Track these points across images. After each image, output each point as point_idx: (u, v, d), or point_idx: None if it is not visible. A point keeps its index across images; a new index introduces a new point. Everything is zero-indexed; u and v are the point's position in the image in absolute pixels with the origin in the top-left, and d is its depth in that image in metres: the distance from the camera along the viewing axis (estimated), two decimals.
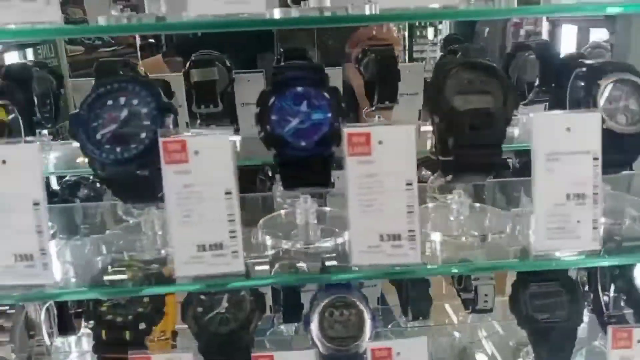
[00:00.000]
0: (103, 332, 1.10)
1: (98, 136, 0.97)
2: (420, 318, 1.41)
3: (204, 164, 0.92)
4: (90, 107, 0.97)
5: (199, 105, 1.41)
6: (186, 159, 0.92)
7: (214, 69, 1.41)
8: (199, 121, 1.44)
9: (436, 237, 1.10)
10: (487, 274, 1.43)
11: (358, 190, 0.95)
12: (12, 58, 2.10)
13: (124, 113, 0.97)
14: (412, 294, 1.38)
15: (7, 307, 1.17)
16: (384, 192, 0.94)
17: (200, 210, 0.93)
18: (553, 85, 1.35)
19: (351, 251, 0.97)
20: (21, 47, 2.24)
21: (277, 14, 0.99)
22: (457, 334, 1.52)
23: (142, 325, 1.10)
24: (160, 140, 0.91)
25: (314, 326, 1.13)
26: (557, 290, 1.17)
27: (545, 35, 3.68)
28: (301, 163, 0.99)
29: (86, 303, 1.13)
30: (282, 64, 1.10)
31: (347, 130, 0.94)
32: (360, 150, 0.94)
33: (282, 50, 1.24)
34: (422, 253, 0.98)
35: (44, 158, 1.35)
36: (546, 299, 1.16)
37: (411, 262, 0.96)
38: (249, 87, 1.45)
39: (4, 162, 0.91)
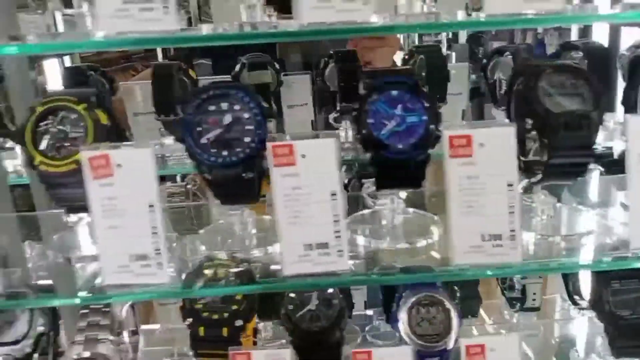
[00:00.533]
0: (201, 329, 1.13)
1: (203, 140, 1.00)
2: (470, 316, 1.41)
3: (310, 166, 0.95)
4: (195, 111, 1.00)
5: None
6: (293, 161, 0.95)
7: (267, 71, 1.43)
8: None
9: (526, 237, 1.12)
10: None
11: (459, 191, 0.97)
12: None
13: (228, 118, 1.00)
14: (462, 293, 1.37)
15: (102, 305, 1.22)
16: (485, 193, 0.96)
17: (307, 211, 0.96)
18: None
19: (453, 250, 0.99)
20: None
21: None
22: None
23: (238, 322, 1.13)
24: (269, 144, 0.94)
25: (402, 324, 1.16)
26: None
27: (575, 33, 3.66)
28: (397, 165, 1.01)
29: (183, 301, 1.16)
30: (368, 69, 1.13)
31: (448, 132, 0.97)
32: (462, 152, 0.96)
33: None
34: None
35: None
36: (629, 295, 1.18)
37: (512, 261, 0.98)
38: (296, 89, 1.48)
39: (119, 165, 0.95)
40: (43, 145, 1.01)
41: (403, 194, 1.18)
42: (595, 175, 1.36)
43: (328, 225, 0.97)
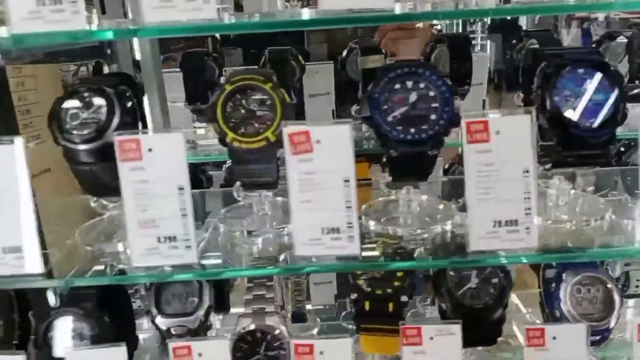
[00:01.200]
0: (366, 303, 1.17)
1: (389, 118, 1.03)
2: None
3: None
4: (382, 90, 1.03)
5: None
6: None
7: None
8: None
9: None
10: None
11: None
12: None
13: (414, 96, 1.03)
14: None
15: (266, 279, 1.27)
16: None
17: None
18: None
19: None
20: None
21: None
22: None
23: (404, 298, 1.16)
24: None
25: (564, 303, 1.17)
26: None
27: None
28: (582, 144, 1.02)
29: (346, 277, 1.20)
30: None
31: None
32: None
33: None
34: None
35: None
36: None
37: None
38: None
39: (318, 142, 0.98)
40: (233, 122, 1.05)
41: None
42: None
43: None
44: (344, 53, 1.49)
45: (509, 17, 1.86)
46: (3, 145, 0.99)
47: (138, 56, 1.54)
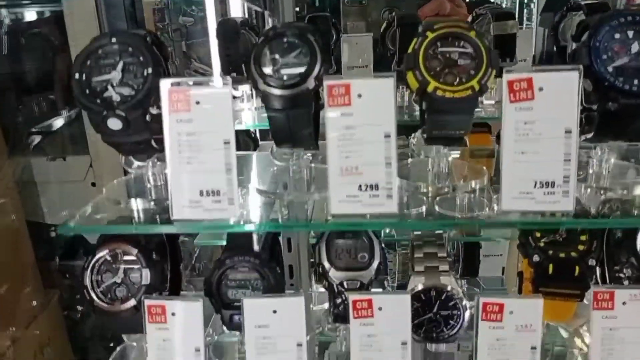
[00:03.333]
0: (550, 266, 1.13)
1: (610, 68, 0.97)
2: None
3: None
4: (603, 38, 0.97)
5: None
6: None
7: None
8: None
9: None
10: None
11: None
12: None
13: (635, 46, 0.97)
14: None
15: (434, 238, 1.24)
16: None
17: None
18: None
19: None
20: None
21: None
22: None
23: (591, 262, 1.12)
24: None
25: None
26: None
27: None
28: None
29: (524, 238, 1.16)
30: None
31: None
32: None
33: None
34: None
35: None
36: None
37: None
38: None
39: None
40: (433, 71, 1.01)
41: None
42: None
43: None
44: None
45: None
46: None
47: None
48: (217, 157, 0.98)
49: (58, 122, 2.46)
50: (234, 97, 1.19)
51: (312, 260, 1.28)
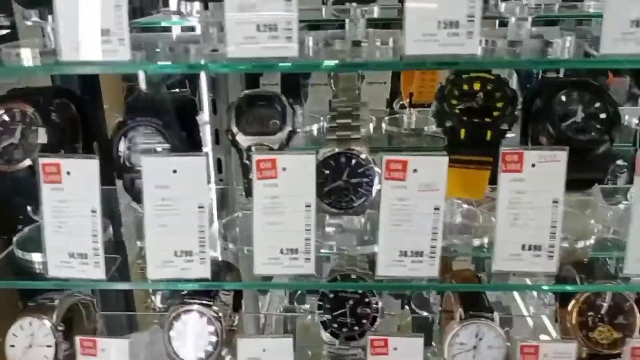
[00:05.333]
0: (462, 131, 1.09)
1: None
2: None
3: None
4: None
5: None
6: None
7: None
8: None
9: None
10: None
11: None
12: None
13: None
14: None
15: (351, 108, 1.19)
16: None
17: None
18: None
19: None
20: None
21: None
22: None
23: (504, 126, 1.08)
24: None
25: None
26: None
27: None
28: None
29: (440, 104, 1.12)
30: None
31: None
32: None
33: None
34: None
35: None
36: None
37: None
38: None
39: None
40: None
41: None
42: None
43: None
44: None
45: None
46: None
47: None
48: None
49: None
50: None
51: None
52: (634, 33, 0.90)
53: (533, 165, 1.03)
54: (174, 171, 1.07)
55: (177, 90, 1.49)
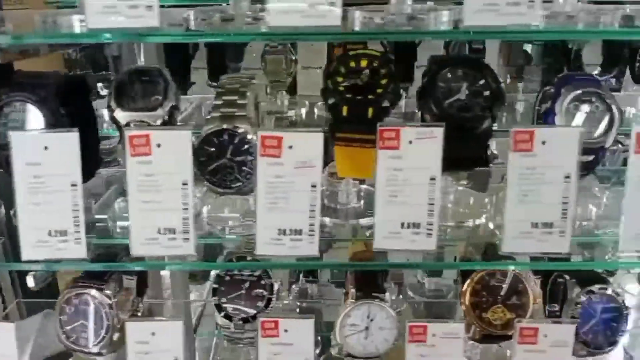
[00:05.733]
0: (345, 108, 1.07)
1: None
2: None
3: None
4: None
5: None
6: None
7: None
8: None
9: None
10: None
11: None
12: None
13: None
14: None
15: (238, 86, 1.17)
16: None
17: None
18: None
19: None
20: None
21: None
22: None
23: (385, 103, 1.06)
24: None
25: (559, 118, 1.08)
26: None
27: None
28: None
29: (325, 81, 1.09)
30: None
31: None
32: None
33: None
34: None
35: None
36: None
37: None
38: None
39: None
40: None
41: None
42: None
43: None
44: None
45: None
46: None
47: None
48: None
49: None
50: None
51: None
52: None
53: (410, 142, 1.02)
54: (45, 147, 1.03)
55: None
